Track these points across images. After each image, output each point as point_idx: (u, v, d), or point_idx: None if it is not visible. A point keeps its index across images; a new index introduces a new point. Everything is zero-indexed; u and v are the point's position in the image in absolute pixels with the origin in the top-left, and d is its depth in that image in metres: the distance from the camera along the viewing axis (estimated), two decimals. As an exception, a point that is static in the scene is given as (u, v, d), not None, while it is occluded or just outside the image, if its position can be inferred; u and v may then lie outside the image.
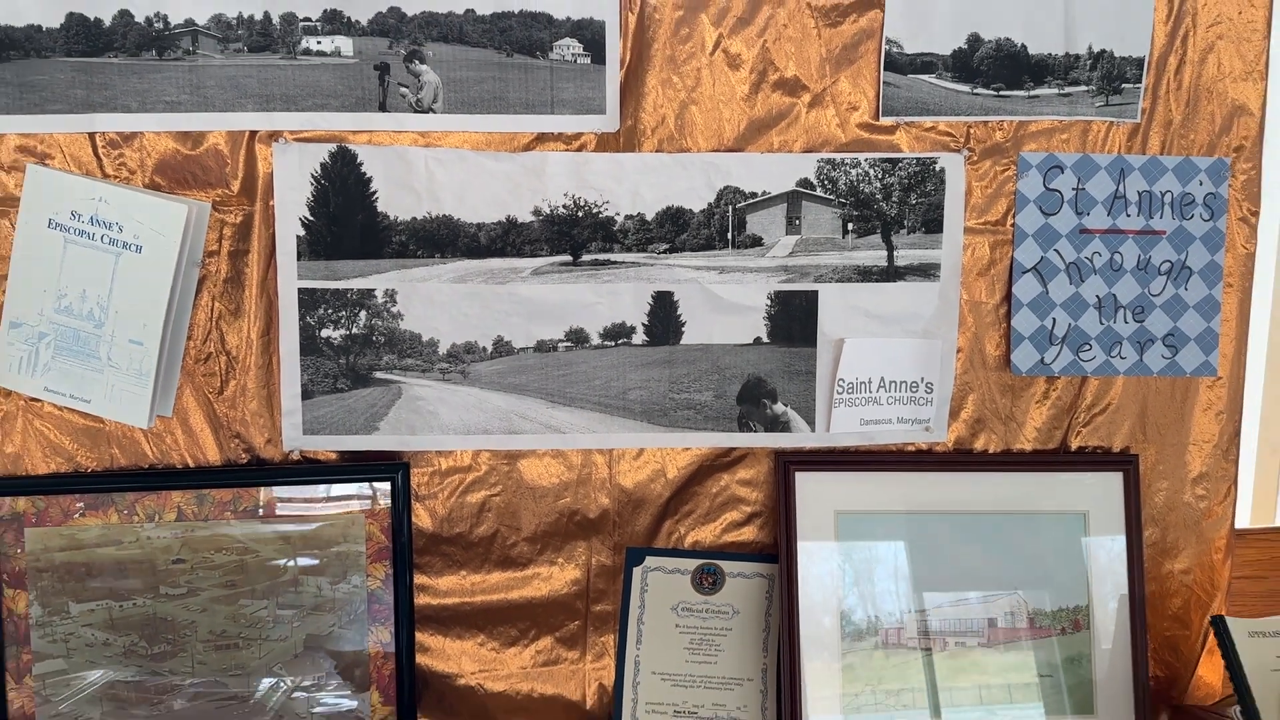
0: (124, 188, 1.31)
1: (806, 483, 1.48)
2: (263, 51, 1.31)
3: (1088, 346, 1.48)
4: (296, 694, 1.39)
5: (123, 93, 1.31)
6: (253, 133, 1.33)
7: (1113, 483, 1.50)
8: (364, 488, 1.40)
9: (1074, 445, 1.52)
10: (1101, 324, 1.48)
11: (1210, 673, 1.57)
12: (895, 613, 1.47)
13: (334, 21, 1.31)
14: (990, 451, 1.51)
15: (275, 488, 1.39)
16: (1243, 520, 2.00)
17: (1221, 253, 1.50)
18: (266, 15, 1.31)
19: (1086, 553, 1.49)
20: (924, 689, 1.46)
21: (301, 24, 1.31)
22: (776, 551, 1.48)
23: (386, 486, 1.40)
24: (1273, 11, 1.47)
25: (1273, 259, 2.04)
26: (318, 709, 1.39)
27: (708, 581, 1.51)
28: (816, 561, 1.47)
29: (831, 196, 1.43)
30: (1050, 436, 1.52)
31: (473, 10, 1.33)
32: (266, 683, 1.39)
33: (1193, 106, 1.47)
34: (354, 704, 1.40)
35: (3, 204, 1.32)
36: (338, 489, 1.40)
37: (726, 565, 1.51)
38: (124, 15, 1.29)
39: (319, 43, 1.31)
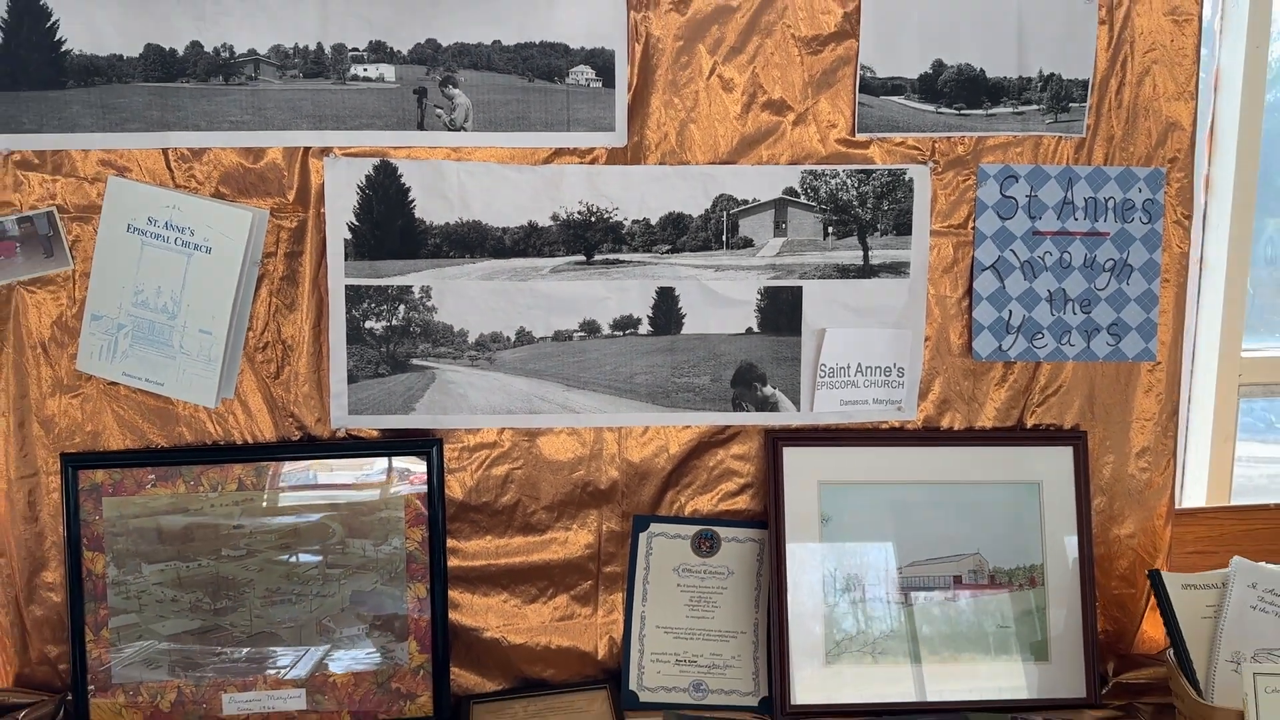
0: (194, 196, 1.47)
1: (793, 457, 1.64)
2: (316, 77, 1.48)
3: (1040, 335, 1.65)
4: (342, 643, 1.55)
5: (193, 113, 1.47)
6: (306, 149, 1.49)
7: (1064, 456, 1.67)
8: (402, 461, 1.57)
9: (1029, 423, 1.69)
10: (1052, 315, 1.65)
11: (1154, 628, 1.73)
12: (872, 570, 1.63)
13: (378, 51, 1.48)
14: (955, 428, 1.67)
15: (325, 460, 1.55)
16: (1199, 500, 2.17)
17: (1159, 252, 1.67)
18: (319, 46, 1.47)
19: (1041, 518, 1.65)
20: (898, 638, 1.62)
21: (350, 53, 1.47)
22: (767, 518, 1.63)
23: (422, 460, 1.57)
24: (1201, 39, 1.64)
25: (1223, 262, 2.22)
26: (362, 656, 1.55)
27: (705, 545, 1.67)
28: (802, 527, 1.63)
29: (813, 203, 1.60)
30: (1008, 415, 1.68)
31: (499, 41, 1.50)
32: (316, 634, 1.55)
33: (1132, 123, 1.63)
34: (394, 652, 1.56)
35: (86, 211, 1.48)
36: (379, 462, 1.56)
37: (722, 531, 1.67)
38: (195, 46, 1.45)
39: (365, 70, 1.48)
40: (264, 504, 1.54)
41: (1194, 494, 2.24)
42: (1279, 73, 2.24)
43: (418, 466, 1.57)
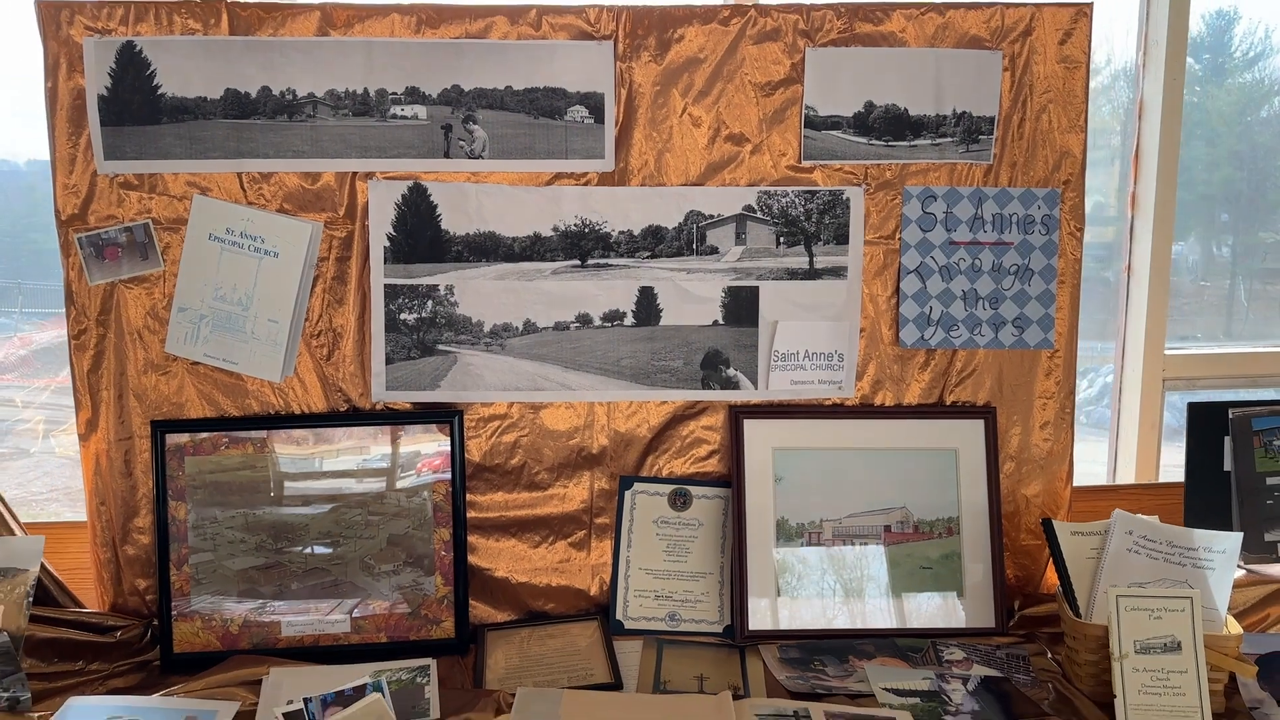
0: (263, 212, 1.78)
1: (752, 427, 1.92)
2: (362, 116, 1.78)
3: (956, 327, 1.95)
4: (381, 576, 1.84)
5: (263, 144, 1.77)
6: (354, 173, 1.80)
7: (976, 428, 1.95)
8: (430, 428, 1.86)
9: (948, 400, 1.97)
10: (966, 311, 1.94)
11: (1055, 574, 2.01)
12: (816, 521, 1.91)
13: (413, 95, 1.78)
14: (886, 404, 1.96)
15: (368, 427, 1.85)
16: (1128, 478, 2.43)
17: (1055, 258, 1.96)
18: (365, 90, 1.77)
19: (957, 479, 1.93)
20: (837, 576, 1.90)
21: (390, 96, 1.78)
22: (730, 478, 1.92)
23: (446, 428, 1.86)
24: (1088, 84, 1.94)
25: (1146, 270, 2.49)
26: (396, 587, 1.84)
27: (680, 501, 1.96)
28: (759, 486, 1.91)
29: (768, 218, 1.89)
30: (930, 393, 1.97)
31: (510, 86, 1.80)
32: (360, 569, 1.84)
33: (1031, 151, 1.93)
34: (423, 585, 1.85)
35: (175, 223, 1.78)
36: (412, 428, 1.86)
37: (694, 489, 1.95)
38: (265, 90, 1.76)
39: (402, 110, 1.78)
40: (317, 463, 1.84)
41: (1125, 474, 2.51)
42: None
43: (442, 433, 1.86)
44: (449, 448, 1.86)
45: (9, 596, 1.65)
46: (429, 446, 1.86)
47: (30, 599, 1.67)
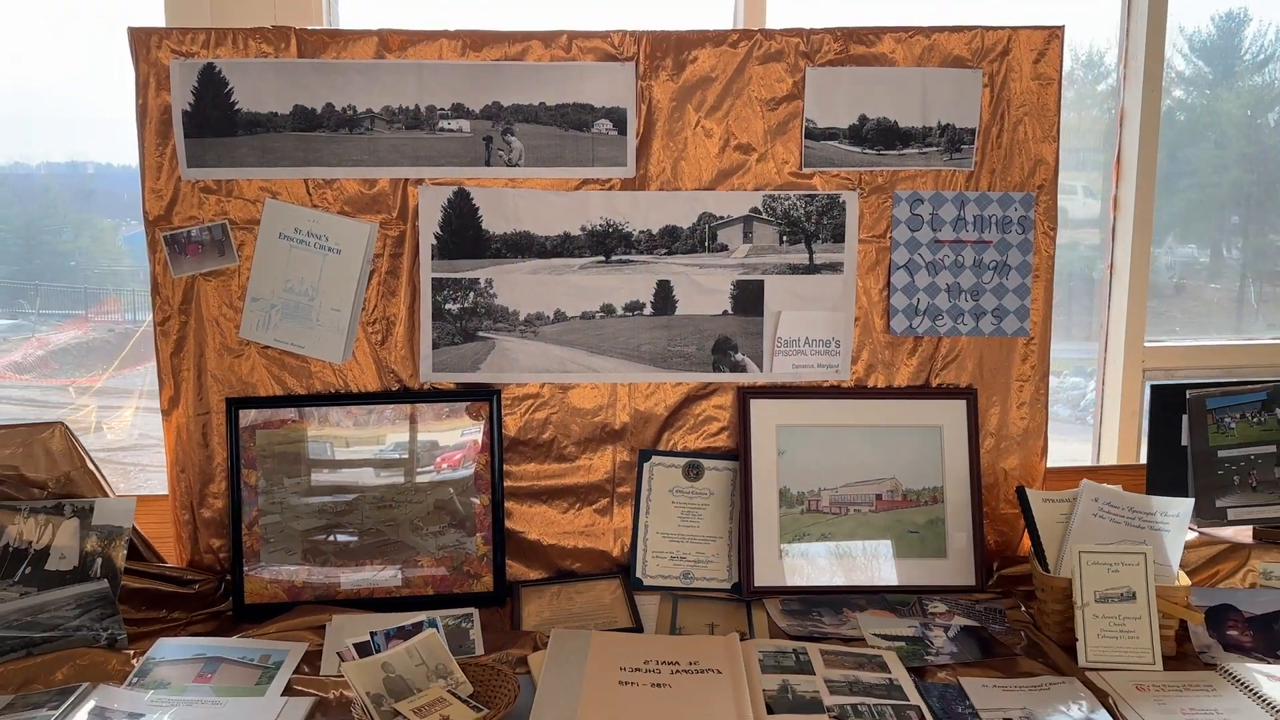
0: (326, 213, 1.99)
1: (758, 406, 2.12)
2: (414, 129, 1.99)
3: (941, 317, 2.14)
4: (428, 537, 2.05)
5: (326, 154, 1.98)
6: (406, 180, 2.00)
7: (959, 408, 2.14)
8: (473, 407, 2.07)
9: (934, 383, 2.17)
10: (950, 302, 2.14)
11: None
12: (815, 490, 2.10)
13: (458, 110, 1.99)
14: (878, 386, 2.14)
15: (417, 404, 2.05)
16: (1111, 461, 2.58)
17: (1031, 255, 2.14)
18: (417, 106, 1.98)
19: (941, 453, 2.12)
20: (833, 539, 2.09)
21: (438, 112, 1.99)
22: (738, 452, 2.11)
23: (486, 405, 2.07)
24: (1060, 99, 2.13)
25: (1127, 269, 2.67)
26: (442, 543, 2.05)
27: (693, 473, 2.16)
28: (764, 458, 2.10)
29: (772, 219, 2.10)
30: (918, 376, 2.16)
31: (544, 102, 2.00)
32: (410, 530, 2.05)
33: (1008, 159, 2.12)
34: (465, 544, 2.06)
35: (249, 224, 1.99)
36: (455, 406, 2.07)
37: (706, 462, 2.14)
38: (329, 106, 1.97)
39: (449, 124, 1.99)
40: (373, 435, 2.04)
41: (1108, 458, 2.69)
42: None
43: (482, 411, 2.07)
44: (489, 423, 2.06)
45: (108, 549, 1.87)
46: (470, 423, 2.06)
47: (125, 553, 1.88)
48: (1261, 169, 2.81)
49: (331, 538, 2.03)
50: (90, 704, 1.59)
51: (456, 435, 2.06)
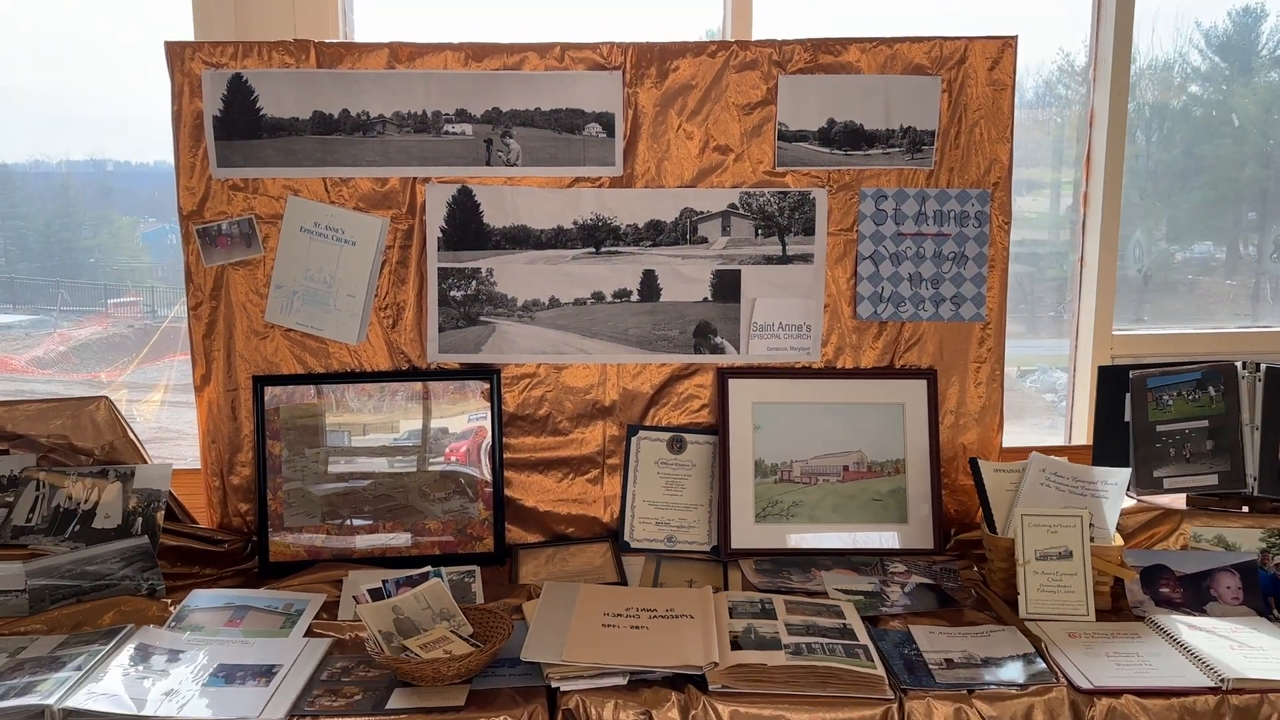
0: (343, 209, 2.17)
1: (735, 386, 2.28)
2: (421, 133, 2.17)
3: (904, 303, 2.31)
4: (435, 502, 2.23)
5: (343, 155, 2.17)
6: (415, 178, 2.18)
7: (920, 387, 2.30)
8: (474, 384, 2.25)
9: (897, 364, 2.33)
10: (912, 290, 2.30)
11: (991, 509, 2.37)
12: (788, 461, 2.27)
13: (462, 115, 2.17)
14: (845, 367, 2.30)
15: (425, 382, 2.23)
16: (1081, 441, 2.72)
17: (986, 247, 2.30)
18: (424, 112, 2.16)
19: (904, 428, 2.28)
20: (804, 506, 2.26)
21: (443, 117, 2.17)
22: (718, 427, 2.28)
23: (487, 384, 2.25)
24: (1014, 103, 2.29)
25: (1096, 261, 2.82)
26: (448, 508, 2.23)
27: (676, 446, 2.33)
28: (741, 433, 2.27)
29: (748, 214, 2.27)
30: (882, 358, 2.33)
31: (539, 108, 2.18)
32: (419, 496, 2.23)
33: (966, 159, 2.28)
34: (469, 510, 2.24)
35: (273, 218, 2.18)
36: (459, 384, 2.25)
37: (688, 436, 2.30)
38: (345, 112, 2.15)
39: (453, 128, 2.17)
40: (385, 410, 2.23)
41: (1079, 438, 2.83)
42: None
43: (484, 388, 2.25)
44: (489, 399, 2.24)
45: (148, 510, 2.06)
46: (474, 400, 2.24)
47: (163, 513, 2.07)
48: (1278, 165, 2.80)
49: (348, 503, 2.21)
50: (135, 642, 1.78)
51: (461, 411, 2.24)
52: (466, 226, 2.21)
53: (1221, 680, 1.67)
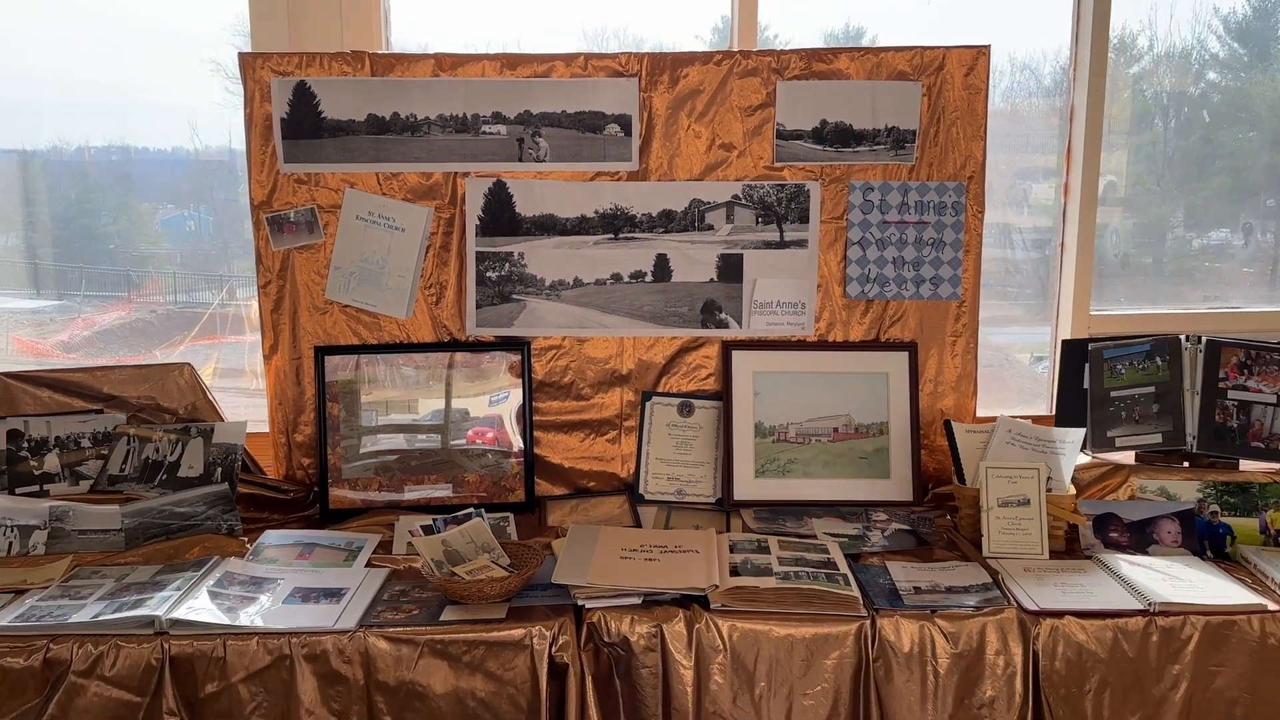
0: (394, 200, 2.44)
1: (738, 357, 2.52)
2: (462, 133, 2.44)
3: (889, 284, 2.55)
4: (474, 458, 2.51)
5: (393, 153, 2.43)
6: (456, 173, 2.45)
7: (902, 358, 2.54)
8: (508, 354, 2.52)
9: (882, 337, 2.56)
10: (895, 272, 2.54)
11: (966, 468, 2.62)
12: (784, 424, 2.53)
13: (497, 117, 2.43)
14: (836, 340, 2.54)
15: (463, 353, 2.50)
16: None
17: (962, 233, 2.54)
18: (464, 114, 2.42)
19: (888, 394, 2.53)
20: (798, 463, 2.52)
21: (481, 119, 2.42)
22: (722, 394, 2.54)
23: (518, 354, 2.52)
24: (987, 105, 2.53)
25: (1074, 246, 3.05)
26: (484, 464, 2.51)
27: (686, 410, 2.59)
28: (743, 399, 2.53)
29: (749, 204, 2.52)
30: (869, 332, 2.57)
31: (565, 110, 2.43)
32: (459, 452, 2.50)
33: (944, 155, 2.51)
34: (503, 465, 2.51)
35: (333, 208, 2.44)
36: (495, 354, 2.51)
37: (696, 402, 2.55)
38: (395, 114, 2.42)
39: (489, 128, 2.43)
40: (430, 375, 2.50)
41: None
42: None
43: (516, 358, 2.52)
44: (521, 368, 2.51)
45: (225, 461, 2.35)
46: (506, 372, 2.51)
47: (239, 464, 2.35)
48: (1295, 151, 2.76)
49: (398, 458, 2.48)
50: (221, 571, 2.06)
51: (497, 378, 2.50)
52: (501, 215, 2.47)
53: (1150, 604, 1.92)
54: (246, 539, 2.23)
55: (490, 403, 2.49)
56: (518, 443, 2.48)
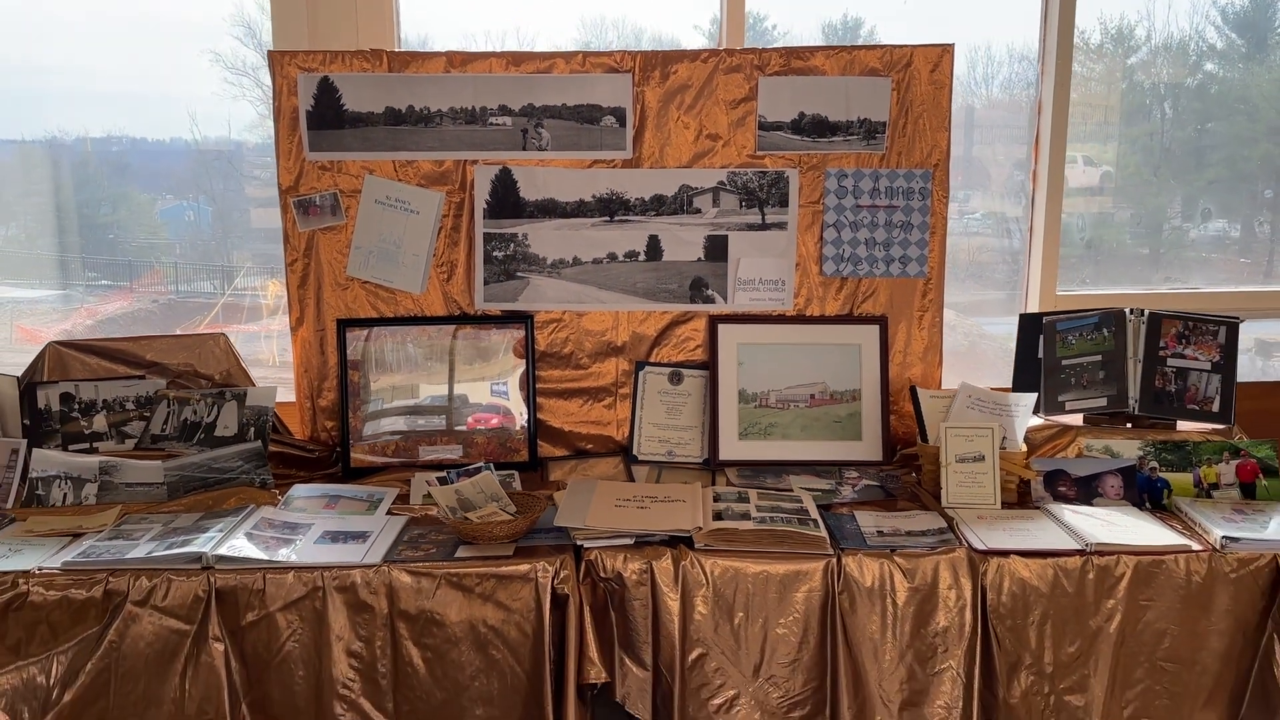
0: (409, 185, 2.65)
1: (724, 330, 2.72)
2: (471, 124, 2.64)
3: (861, 262, 2.76)
4: (480, 415, 2.71)
5: (408, 143, 2.64)
6: (465, 161, 2.65)
7: (874, 331, 2.74)
8: (513, 328, 2.73)
9: (855, 312, 2.76)
10: (867, 252, 2.75)
11: (933, 432, 2.83)
12: (765, 391, 2.73)
13: (503, 110, 2.63)
14: (813, 314, 2.76)
15: (471, 326, 2.71)
16: None
17: (929, 216, 2.73)
18: (473, 107, 2.62)
19: (860, 363, 2.74)
20: (778, 427, 2.73)
21: (489, 111, 2.63)
22: (709, 364, 2.76)
23: (522, 327, 2.72)
24: (951, 100, 2.72)
25: (1042, 230, 3.25)
26: (490, 426, 2.72)
27: (675, 379, 2.79)
28: (728, 368, 2.73)
29: (734, 190, 2.72)
30: (844, 308, 2.77)
31: (565, 103, 2.63)
32: (469, 416, 2.71)
33: (911, 145, 2.71)
34: (510, 428, 2.72)
35: (354, 193, 2.64)
36: (502, 327, 2.72)
37: (685, 371, 2.75)
38: (410, 107, 2.62)
39: (496, 120, 2.63)
40: (441, 345, 2.71)
41: None
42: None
43: (519, 331, 2.73)
44: (525, 340, 2.72)
45: (258, 422, 2.55)
46: (510, 345, 2.72)
47: (270, 425, 2.56)
48: (1291, 142, 2.73)
49: (414, 420, 2.69)
50: (258, 517, 2.26)
51: (502, 347, 2.71)
52: (506, 200, 2.67)
53: (1087, 545, 2.13)
54: (277, 491, 2.43)
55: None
56: (520, 418, 2.68)
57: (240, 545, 2.08)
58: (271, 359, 2.97)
